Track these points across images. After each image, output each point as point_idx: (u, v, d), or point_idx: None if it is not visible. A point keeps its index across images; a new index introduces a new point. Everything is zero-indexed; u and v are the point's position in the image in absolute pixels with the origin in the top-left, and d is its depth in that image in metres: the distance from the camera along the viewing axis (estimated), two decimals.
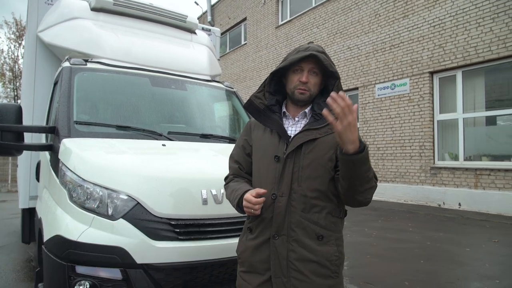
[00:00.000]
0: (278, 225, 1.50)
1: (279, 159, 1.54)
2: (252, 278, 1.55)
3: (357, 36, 10.80)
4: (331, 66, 1.55)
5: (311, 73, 1.58)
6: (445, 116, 8.70)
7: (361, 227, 6.63)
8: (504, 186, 7.34)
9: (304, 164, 1.51)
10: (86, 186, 2.16)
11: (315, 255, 1.48)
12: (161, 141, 2.80)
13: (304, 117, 1.63)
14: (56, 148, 2.58)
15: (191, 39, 4.29)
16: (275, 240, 1.50)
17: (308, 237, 1.49)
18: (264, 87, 1.67)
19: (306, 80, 1.56)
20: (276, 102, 1.67)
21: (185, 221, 2.17)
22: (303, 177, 1.51)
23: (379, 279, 4.00)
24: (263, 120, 1.64)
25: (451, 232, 6.06)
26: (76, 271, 1.99)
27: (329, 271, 1.50)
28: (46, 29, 3.78)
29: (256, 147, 1.66)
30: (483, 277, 3.98)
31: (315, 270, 1.48)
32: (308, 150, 1.52)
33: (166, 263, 2.06)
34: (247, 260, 1.58)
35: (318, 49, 1.58)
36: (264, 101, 1.64)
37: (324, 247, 1.50)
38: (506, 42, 7.44)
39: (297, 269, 1.47)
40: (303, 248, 1.48)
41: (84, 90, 3.02)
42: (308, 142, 1.52)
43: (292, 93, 1.60)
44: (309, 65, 1.56)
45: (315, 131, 1.53)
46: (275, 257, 1.50)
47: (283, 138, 1.57)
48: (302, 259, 1.48)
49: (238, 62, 17.34)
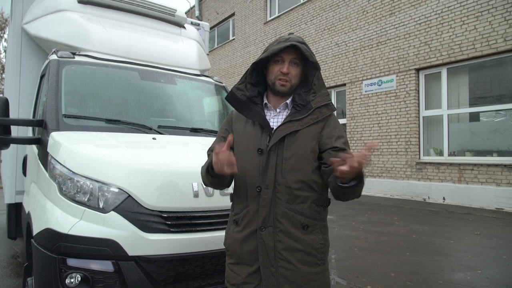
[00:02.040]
0: (264, 217, 1.53)
1: (262, 152, 1.55)
2: (241, 269, 1.58)
3: (345, 33, 10.89)
4: (312, 56, 1.57)
5: (292, 64, 1.59)
6: (430, 113, 8.87)
7: (348, 221, 6.73)
8: (486, 180, 7.55)
9: (287, 156, 1.53)
10: (76, 179, 2.15)
11: (301, 244, 1.51)
12: (151, 135, 2.79)
13: (286, 108, 1.64)
14: (44, 142, 2.55)
15: (180, 33, 4.27)
16: (262, 231, 1.53)
17: (293, 227, 1.52)
18: (245, 79, 1.66)
19: (287, 71, 1.57)
20: (257, 93, 1.66)
21: (176, 214, 2.18)
22: (287, 169, 1.53)
23: (366, 271, 4.09)
24: (245, 112, 1.63)
25: (436, 225, 6.21)
26: (67, 264, 1.98)
27: (316, 258, 1.54)
28: (31, 21, 3.71)
29: (238, 139, 1.64)
30: (466, 268, 4.11)
31: (302, 258, 1.52)
32: (291, 142, 1.54)
33: (158, 255, 2.07)
34: (235, 252, 1.60)
35: (298, 39, 1.59)
36: (246, 92, 1.64)
37: (309, 236, 1.53)
38: (489, 40, 7.61)
39: (285, 258, 1.51)
40: (289, 238, 1.51)
41: (72, 83, 2.99)
42: (291, 134, 1.54)
43: (273, 84, 1.60)
44: (290, 55, 1.57)
45: (297, 123, 1.55)
46: (263, 248, 1.52)
47: (266, 130, 1.58)
48: (289, 249, 1.51)
49: (226, 57, 17.28)
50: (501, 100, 7.74)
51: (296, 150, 1.53)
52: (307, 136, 1.55)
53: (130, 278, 2.01)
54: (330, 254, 4.81)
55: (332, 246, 5.00)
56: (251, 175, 1.56)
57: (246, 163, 1.58)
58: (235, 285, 1.60)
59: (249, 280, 1.55)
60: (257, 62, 1.62)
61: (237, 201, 1.64)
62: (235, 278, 1.60)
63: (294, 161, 1.52)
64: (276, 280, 1.51)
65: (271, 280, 1.51)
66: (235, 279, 1.60)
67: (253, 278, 1.55)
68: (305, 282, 1.52)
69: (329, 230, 1.70)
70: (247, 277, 1.55)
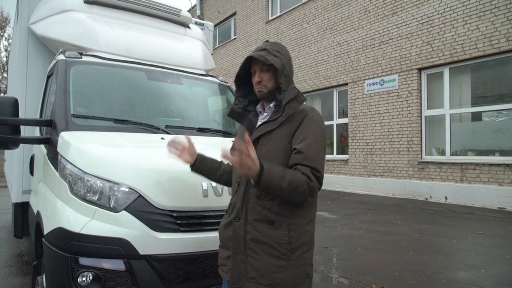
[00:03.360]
0: (238, 209, 1.70)
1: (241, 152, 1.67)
2: (223, 252, 1.78)
3: (347, 32, 10.90)
4: (267, 60, 1.66)
5: (263, 71, 1.73)
6: (432, 112, 8.89)
7: (351, 220, 6.75)
8: (488, 180, 7.57)
9: (261, 155, 1.61)
10: (87, 179, 2.17)
11: (265, 237, 1.63)
12: (159, 135, 2.81)
13: (270, 111, 1.79)
14: (54, 142, 2.57)
15: (185, 33, 4.28)
16: (236, 222, 1.70)
17: (261, 221, 1.64)
18: (235, 94, 1.90)
19: (258, 79, 1.73)
20: (249, 102, 1.87)
21: (186, 213, 2.20)
22: None
23: (371, 270, 4.11)
24: (242, 120, 1.87)
25: (438, 225, 6.24)
26: (80, 263, 2.00)
27: (279, 252, 1.62)
28: (38, 21, 3.73)
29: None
30: (469, 267, 4.13)
31: (266, 250, 1.63)
32: (265, 141, 1.68)
33: (169, 254, 2.10)
34: (220, 236, 1.82)
35: (260, 48, 1.74)
36: (239, 105, 1.86)
37: (275, 231, 1.62)
38: (491, 40, 7.63)
39: (252, 248, 1.65)
40: (256, 230, 1.65)
41: (80, 83, 3.00)
42: (266, 134, 1.68)
43: (256, 93, 1.79)
44: (257, 65, 1.73)
45: (272, 123, 1.68)
46: (235, 237, 1.69)
47: (250, 133, 1.76)
48: (255, 240, 1.65)
49: (227, 57, 17.29)
50: (503, 100, 7.76)
51: (269, 149, 1.66)
52: (280, 136, 1.66)
53: (142, 277, 2.03)
54: (333, 253, 4.84)
55: (336, 245, 5.08)
56: (235, 172, 1.76)
57: None
58: (219, 265, 1.81)
59: (225, 263, 1.74)
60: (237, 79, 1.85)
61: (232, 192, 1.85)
62: (219, 259, 1.82)
63: (267, 159, 1.60)
64: (244, 266, 1.66)
65: (240, 266, 1.67)
66: (219, 260, 1.82)
67: (228, 261, 1.72)
68: (267, 272, 1.61)
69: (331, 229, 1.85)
70: (225, 260, 1.75)
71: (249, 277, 1.63)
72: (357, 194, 10.03)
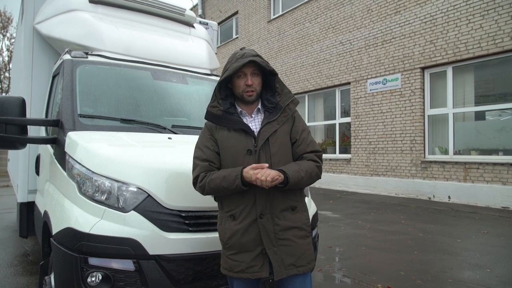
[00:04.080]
0: (262, 207, 1.81)
1: (251, 152, 1.84)
2: (245, 257, 1.81)
3: (350, 31, 10.87)
4: (268, 66, 1.87)
5: (253, 75, 1.88)
6: (435, 111, 8.87)
7: (354, 220, 6.75)
8: (492, 179, 7.55)
9: (274, 152, 1.85)
10: (95, 179, 2.17)
11: (294, 222, 1.85)
12: (166, 135, 2.81)
13: (258, 113, 1.95)
14: (61, 141, 2.57)
15: (190, 33, 4.29)
16: (262, 219, 1.80)
17: (285, 210, 1.84)
18: (216, 96, 1.93)
19: (251, 83, 1.87)
20: (230, 104, 1.94)
21: (195, 213, 2.21)
22: (275, 162, 1.83)
23: (376, 269, 4.10)
24: (225, 123, 1.89)
25: (442, 224, 6.23)
26: (89, 263, 2.00)
27: (306, 231, 1.89)
28: (43, 21, 3.73)
29: (225, 145, 1.90)
30: (475, 267, 4.12)
31: (296, 233, 1.84)
32: (274, 139, 1.86)
33: (178, 254, 2.10)
34: (237, 242, 1.82)
35: (253, 53, 1.87)
36: (220, 107, 1.91)
37: (297, 215, 1.88)
38: (495, 39, 7.60)
39: (283, 237, 1.81)
40: (284, 220, 1.83)
41: (87, 83, 3.01)
42: (272, 133, 1.86)
43: (242, 96, 1.91)
44: (249, 69, 1.87)
45: (274, 122, 1.88)
46: (264, 233, 1.79)
47: (249, 133, 1.86)
48: (286, 228, 1.82)
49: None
50: (506, 99, 7.73)
51: (280, 146, 1.87)
52: (284, 132, 1.90)
53: (151, 277, 2.03)
54: (338, 252, 4.84)
55: (340, 245, 5.08)
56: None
57: (239, 163, 1.83)
58: (240, 271, 1.81)
59: (254, 263, 1.79)
60: (222, 81, 1.90)
61: (230, 199, 1.86)
62: (239, 266, 1.81)
63: (280, 155, 1.86)
64: (279, 257, 1.79)
65: (275, 258, 1.78)
66: (239, 266, 1.81)
67: (257, 261, 1.80)
68: (303, 253, 1.83)
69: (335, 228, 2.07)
70: (252, 261, 1.80)
71: (286, 265, 1.79)
72: (359, 194, 10.03)
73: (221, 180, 1.79)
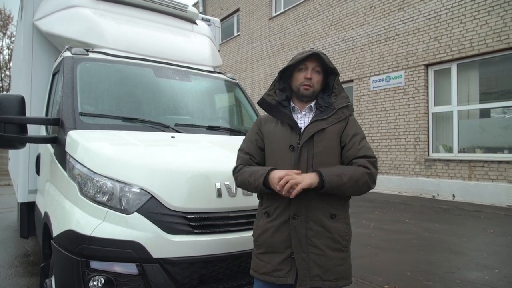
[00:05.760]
0: (297, 207, 1.68)
1: (293, 148, 1.73)
2: (272, 258, 1.71)
3: (352, 28, 10.78)
4: (331, 63, 1.79)
5: (314, 71, 1.79)
6: (439, 109, 8.78)
7: (358, 219, 6.68)
8: (497, 177, 7.47)
9: (317, 152, 1.71)
10: (97, 179, 2.10)
11: (329, 232, 1.69)
12: (169, 133, 2.74)
13: (310, 111, 1.84)
14: (61, 141, 2.50)
15: (192, 29, 4.21)
16: (294, 220, 1.68)
17: (323, 216, 1.69)
18: (274, 85, 1.87)
19: (310, 76, 1.77)
20: (286, 97, 1.86)
21: (200, 215, 2.13)
22: (317, 163, 1.70)
23: (382, 269, 4.04)
24: (276, 114, 1.83)
25: (447, 223, 6.16)
26: (91, 266, 1.94)
27: (341, 245, 1.71)
28: (43, 18, 3.65)
29: (270, 139, 1.82)
30: (482, 267, 4.05)
31: (330, 244, 1.68)
32: (319, 139, 1.72)
33: (182, 257, 2.03)
34: (266, 241, 1.73)
35: (320, 51, 1.79)
36: (275, 97, 1.85)
37: (336, 224, 1.71)
38: (501, 35, 7.51)
39: (314, 244, 1.67)
40: (319, 225, 1.68)
41: (88, 80, 2.93)
42: (319, 131, 1.73)
43: (298, 90, 1.81)
44: (312, 63, 1.78)
45: (323, 121, 1.74)
46: (295, 236, 1.67)
47: (295, 129, 1.76)
48: (318, 236, 1.68)
49: (230, 54, 17.18)
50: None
51: (325, 146, 1.72)
52: (333, 133, 1.75)
53: (155, 281, 1.96)
54: None
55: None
56: (284, 169, 1.68)
57: (279, 159, 1.75)
58: (265, 274, 1.71)
59: (281, 267, 1.68)
60: (283, 70, 1.82)
61: (268, 195, 1.75)
62: (265, 267, 1.72)
63: (324, 156, 1.71)
64: (307, 265, 1.66)
65: (302, 264, 1.66)
66: (265, 268, 1.72)
67: (285, 265, 1.68)
68: (332, 267, 1.67)
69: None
70: (279, 264, 1.69)
71: (312, 276, 1.66)
72: None
73: (249, 175, 1.74)
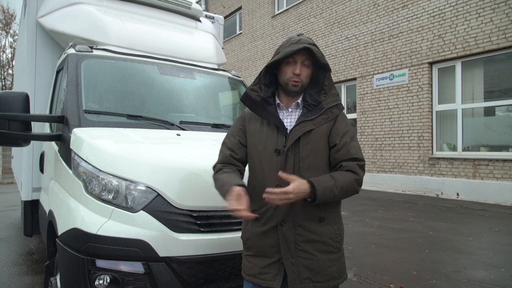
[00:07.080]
0: (284, 213, 1.63)
1: (279, 152, 1.65)
2: (259, 261, 1.69)
3: (355, 26, 10.72)
4: (323, 58, 1.64)
5: (303, 65, 1.66)
6: (443, 107, 8.73)
7: (362, 217, 6.65)
8: (502, 176, 7.42)
9: (304, 155, 1.62)
10: (102, 177, 2.08)
11: (319, 236, 1.64)
12: (175, 131, 2.72)
13: (297, 107, 1.72)
14: (66, 138, 2.48)
15: (196, 27, 4.18)
16: (282, 227, 1.64)
17: (311, 221, 1.64)
18: (259, 80, 1.72)
19: (299, 72, 1.64)
20: (271, 94, 1.74)
21: (206, 213, 2.11)
22: (304, 167, 1.63)
23: (387, 268, 4.01)
24: (260, 112, 1.70)
25: (452, 222, 6.12)
26: (96, 265, 1.92)
27: (332, 247, 1.67)
28: (47, 15, 3.64)
29: (254, 141, 1.73)
30: (488, 266, 4.02)
31: (320, 248, 1.64)
32: (306, 141, 1.63)
33: (189, 256, 2.01)
34: (254, 245, 1.70)
35: (309, 41, 1.64)
36: (260, 93, 1.71)
37: (325, 228, 1.66)
38: (506, 33, 7.44)
39: (304, 249, 1.63)
40: (307, 231, 1.63)
41: (92, 78, 2.91)
42: (305, 133, 1.63)
43: (286, 85, 1.68)
44: (302, 57, 1.64)
45: (310, 122, 1.64)
46: (283, 242, 1.63)
47: (281, 131, 1.66)
48: (308, 241, 1.63)
49: (233, 52, 17.14)
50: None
51: (312, 149, 1.63)
52: (320, 135, 1.65)
53: (161, 280, 1.94)
54: (347, 251, 4.74)
55: (349, 243, 4.98)
56: (270, 174, 1.64)
57: (264, 163, 1.68)
58: (252, 275, 1.69)
59: (268, 270, 1.66)
60: (270, 64, 1.67)
61: (254, 199, 1.67)
62: (252, 269, 1.70)
63: (311, 159, 1.63)
64: (296, 269, 1.63)
65: (292, 269, 1.63)
66: (252, 270, 1.70)
67: (272, 268, 1.66)
68: (323, 269, 1.64)
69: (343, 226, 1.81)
70: (266, 267, 1.66)
71: (302, 279, 1.63)
72: (366, 191, 9.91)
73: (219, 186, 1.66)
